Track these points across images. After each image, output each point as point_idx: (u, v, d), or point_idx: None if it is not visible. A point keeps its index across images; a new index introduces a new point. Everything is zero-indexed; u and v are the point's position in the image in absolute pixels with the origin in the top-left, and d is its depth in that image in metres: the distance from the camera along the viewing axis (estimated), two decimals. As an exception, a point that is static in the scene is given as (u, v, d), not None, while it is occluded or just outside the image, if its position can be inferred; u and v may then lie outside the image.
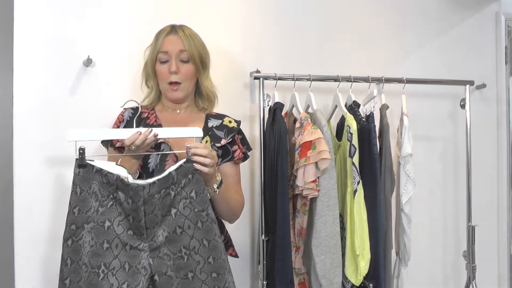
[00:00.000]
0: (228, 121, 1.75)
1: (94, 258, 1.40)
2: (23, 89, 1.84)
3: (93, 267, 1.39)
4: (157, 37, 1.68)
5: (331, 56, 2.30)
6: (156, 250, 1.43)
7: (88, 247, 1.40)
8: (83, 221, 1.41)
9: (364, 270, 1.84)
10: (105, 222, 1.41)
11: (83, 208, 1.41)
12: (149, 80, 1.73)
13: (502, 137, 2.62)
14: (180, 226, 1.44)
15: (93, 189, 1.41)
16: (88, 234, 1.40)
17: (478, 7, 2.59)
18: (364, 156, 1.92)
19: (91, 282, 1.39)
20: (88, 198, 1.41)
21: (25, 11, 1.84)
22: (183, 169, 1.45)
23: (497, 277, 2.64)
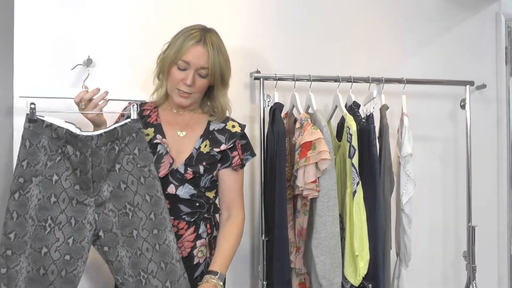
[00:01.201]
0: (232, 126, 1.71)
1: (41, 211, 1.42)
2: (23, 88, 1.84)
3: (40, 221, 1.41)
4: (184, 40, 1.58)
5: (331, 56, 2.30)
6: (101, 206, 1.47)
7: (36, 200, 1.42)
8: (32, 174, 1.42)
9: (363, 271, 1.84)
10: (53, 176, 1.44)
11: (32, 162, 1.43)
12: (161, 74, 1.67)
13: (502, 137, 2.62)
14: (124, 181, 1.49)
15: (42, 143, 1.44)
16: (35, 188, 1.42)
17: (478, 8, 2.59)
18: (364, 157, 1.92)
19: (37, 236, 1.41)
20: (37, 152, 1.43)
21: (26, 11, 1.85)
22: (127, 127, 1.52)
23: (497, 277, 2.64)
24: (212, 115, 1.71)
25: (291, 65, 2.20)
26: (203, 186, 1.62)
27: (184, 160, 1.61)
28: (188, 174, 1.59)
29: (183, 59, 1.58)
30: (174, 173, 1.59)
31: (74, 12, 1.91)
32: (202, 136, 1.66)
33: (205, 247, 1.63)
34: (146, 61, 1.97)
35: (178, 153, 1.62)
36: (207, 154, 1.64)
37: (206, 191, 1.64)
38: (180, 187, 1.59)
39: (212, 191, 1.67)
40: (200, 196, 1.62)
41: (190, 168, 1.60)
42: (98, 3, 1.95)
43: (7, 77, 1.82)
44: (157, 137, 1.62)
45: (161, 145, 1.61)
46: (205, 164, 1.62)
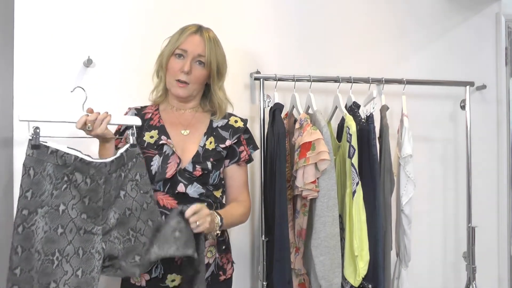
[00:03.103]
0: (234, 121, 1.72)
1: (48, 244, 1.34)
2: (23, 89, 1.84)
3: (47, 255, 1.33)
4: (181, 33, 1.63)
5: (331, 57, 2.30)
6: (108, 234, 1.44)
7: (42, 233, 1.33)
8: (37, 206, 1.33)
9: (363, 271, 1.84)
10: (60, 205, 1.36)
11: (37, 192, 1.33)
12: (160, 71, 1.68)
13: (502, 138, 2.62)
14: (129, 208, 1.48)
15: (47, 171, 1.35)
16: (42, 219, 1.34)
17: (478, 8, 2.59)
18: (364, 157, 1.92)
19: (44, 271, 1.33)
20: (42, 181, 1.34)
21: (26, 11, 1.85)
22: (129, 152, 1.51)
23: (497, 278, 2.64)
24: (213, 114, 1.72)
25: (291, 65, 2.20)
26: (211, 183, 1.62)
27: (191, 158, 1.60)
28: (197, 172, 1.58)
29: (180, 47, 1.61)
30: (182, 172, 1.58)
31: (74, 12, 1.91)
32: (206, 134, 1.67)
33: (214, 247, 1.63)
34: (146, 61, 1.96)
35: (184, 152, 1.62)
36: (213, 150, 1.64)
37: (214, 189, 1.64)
38: (189, 186, 1.58)
39: (219, 189, 1.67)
40: (209, 196, 1.62)
41: (198, 165, 1.59)
42: (98, 3, 1.95)
43: (7, 77, 1.82)
44: (162, 138, 1.61)
45: (167, 145, 1.60)
46: (212, 160, 1.62)
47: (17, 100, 1.83)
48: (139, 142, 1.58)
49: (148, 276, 1.54)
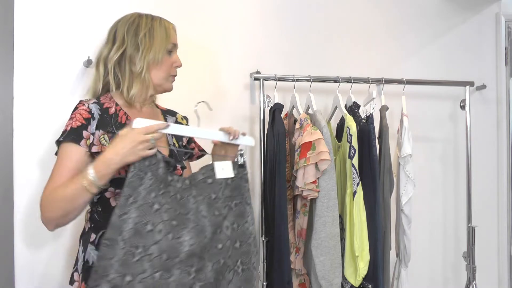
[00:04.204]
0: (181, 118, 1.72)
1: (135, 237, 1.30)
2: (23, 89, 1.84)
3: (131, 246, 1.30)
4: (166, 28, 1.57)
5: (331, 57, 2.30)
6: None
7: (132, 224, 1.31)
8: (135, 196, 1.33)
9: (364, 271, 1.84)
10: (155, 204, 1.34)
11: (137, 184, 1.34)
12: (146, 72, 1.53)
13: (502, 138, 2.62)
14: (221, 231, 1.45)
15: (155, 172, 1.37)
16: (135, 211, 1.32)
17: (478, 8, 2.59)
18: (364, 157, 1.92)
19: (124, 261, 1.29)
20: (144, 178, 1.35)
21: (26, 11, 1.85)
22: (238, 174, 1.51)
23: (497, 278, 2.64)
24: (154, 101, 1.67)
25: (291, 65, 2.20)
26: None
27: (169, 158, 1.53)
28: (178, 171, 1.55)
29: (172, 42, 1.58)
30: None
31: (74, 13, 1.91)
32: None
33: None
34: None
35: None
36: (181, 148, 1.62)
37: None
38: None
39: None
40: None
41: (178, 164, 1.56)
42: (98, 4, 1.95)
43: (7, 77, 1.82)
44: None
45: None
46: (184, 158, 1.61)
47: (17, 100, 1.83)
48: (89, 146, 1.44)
49: None
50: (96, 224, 1.47)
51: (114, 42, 1.54)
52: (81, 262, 1.47)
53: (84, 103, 1.48)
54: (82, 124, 1.43)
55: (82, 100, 1.50)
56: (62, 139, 1.42)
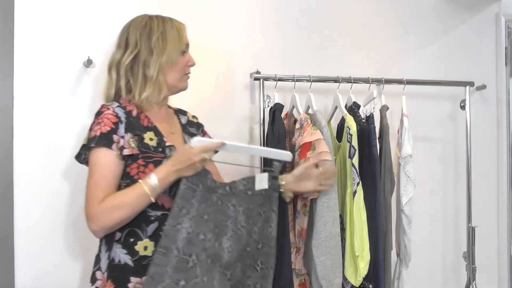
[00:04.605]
0: (192, 116, 1.73)
1: (188, 246, 1.40)
2: (23, 89, 1.84)
3: (185, 254, 1.39)
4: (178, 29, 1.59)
5: (331, 57, 2.30)
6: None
7: (185, 233, 1.40)
8: (188, 207, 1.43)
9: (364, 271, 1.84)
10: (205, 214, 1.44)
11: (190, 195, 1.44)
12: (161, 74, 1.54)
13: (502, 138, 2.62)
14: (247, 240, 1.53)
15: (205, 184, 1.46)
16: (188, 221, 1.41)
17: (478, 8, 2.59)
18: (364, 157, 1.92)
19: (179, 268, 1.38)
20: (196, 189, 1.45)
21: (26, 11, 1.85)
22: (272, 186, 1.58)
23: (497, 278, 2.64)
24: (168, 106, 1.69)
25: (291, 65, 2.20)
26: None
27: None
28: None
29: (185, 42, 1.59)
30: None
31: (74, 12, 1.91)
32: (183, 132, 1.64)
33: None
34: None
35: None
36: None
37: None
38: None
39: None
40: None
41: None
42: (98, 4, 1.95)
43: (7, 77, 1.82)
44: (165, 140, 1.53)
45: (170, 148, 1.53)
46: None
47: (17, 100, 1.83)
48: (143, 145, 1.48)
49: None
50: None
51: (127, 47, 1.55)
52: (106, 260, 1.47)
53: (108, 107, 1.48)
54: (111, 128, 1.44)
55: (104, 104, 1.51)
56: (94, 145, 1.42)
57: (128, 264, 1.44)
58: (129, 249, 1.44)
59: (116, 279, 1.44)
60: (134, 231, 1.45)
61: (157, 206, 1.45)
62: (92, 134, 1.44)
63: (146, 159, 1.46)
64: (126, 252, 1.44)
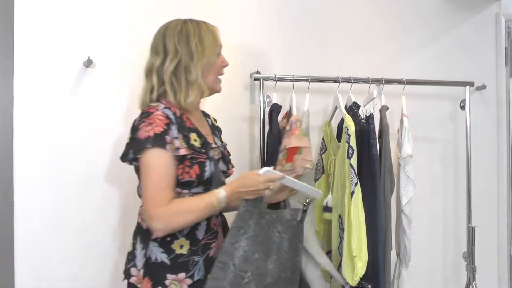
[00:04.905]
0: (213, 119, 1.77)
1: (244, 263, 1.49)
2: (23, 89, 1.84)
3: (241, 271, 1.48)
4: (214, 32, 1.62)
5: (331, 57, 2.30)
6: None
7: (242, 251, 1.49)
8: (246, 227, 1.52)
9: (361, 271, 1.84)
10: (259, 235, 1.54)
11: (248, 218, 1.53)
12: (203, 78, 1.58)
13: (502, 138, 2.62)
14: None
15: (261, 207, 1.57)
16: (244, 240, 1.50)
17: (478, 8, 2.59)
18: (363, 157, 1.92)
19: (235, 283, 1.47)
20: (254, 212, 1.55)
21: (26, 11, 1.85)
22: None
23: (497, 278, 2.64)
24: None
25: (291, 66, 2.20)
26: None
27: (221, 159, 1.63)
28: (230, 171, 1.67)
29: (219, 45, 1.63)
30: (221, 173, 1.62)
31: (74, 12, 1.91)
32: (212, 134, 1.68)
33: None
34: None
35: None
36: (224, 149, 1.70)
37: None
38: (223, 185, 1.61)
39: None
40: None
41: (230, 164, 1.68)
42: (98, 3, 1.95)
43: (7, 77, 1.82)
44: (209, 141, 1.58)
45: (213, 149, 1.58)
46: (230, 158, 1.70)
47: (17, 100, 1.84)
48: (190, 146, 1.51)
49: (191, 280, 1.50)
50: None
51: (166, 53, 1.56)
52: (142, 258, 1.50)
53: (157, 108, 1.49)
54: (164, 129, 1.45)
55: (151, 105, 1.51)
56: (150, 145, 1.43)
57: (164, 262, 1.48)
58: (166, 248, 1.49)
59: (153, 276, 1.48)
60: None
61: None
62: (143, 134, 1.44)
63: (191, 160, 1.49)
64: (163, 250, 1.48)
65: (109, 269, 1.95)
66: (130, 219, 1.99)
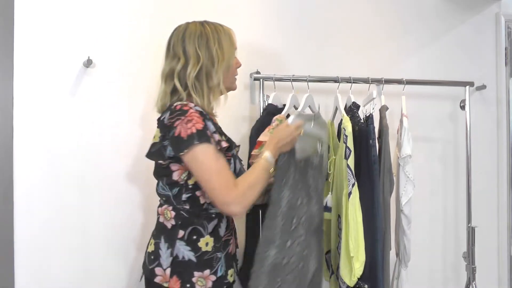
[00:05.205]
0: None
1: (289, 210, 1.64)
2: (23, 89, 1.85)
3: (288, 218, 1.64)
4: (230, 35, 1.65)
5: (331, 57, 2.30)
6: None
7: (286, 201, 1.64)
8: (287, 178, 1.67)
9: (359, 271, 1.84)
10: (298, 183, 1.69)
11: (288, 167, 1.67)
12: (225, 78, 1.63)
13: (502, 138, 2.62)
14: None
15: (296, 156, 1.69)
16: (288, 189, 1.65)
17: (478, 8, 2.59)
18: (362, 158, 1.92)
19: (285, 229, 1.63)
20: (292, 162, 1.69)
21: (26, 11, 1.85)
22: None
23: (497, 278, 2.64)
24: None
25: (291, 66, 2.20)
26: None
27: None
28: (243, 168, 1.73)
29: (235, 47, 1.67)
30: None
31: (74, 12, 1.91)
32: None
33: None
34: (147, 61, 1.98)
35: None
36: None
37: None
38: None
39: None
40: None
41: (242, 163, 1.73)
42: (98, 3, 1.95)
43: (7, 77, 1.82)
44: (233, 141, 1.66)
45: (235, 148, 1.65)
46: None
47: (17, 100, 1.84)
48: (227, 140, 1.60)
49: (215, 276, 1.55)
50: (183, 221, 1.54)
51: (187, 58, 1.58)
52: (168, 257, 1.53)
53: (190, 106, 1.51)
54: (203, 125, 1.49)
55: (182, 103, 1.52)
56: (197, 142, 1.45)
57: (191, 260, 1.52)
58: (193, 246, 1.53)
59: (181, 274, 1.51)
60: (197, 229, 1.54)
61: None
62: (185, 131, 1.46)
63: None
64: (190, 249, 1.52)
65: (110, 269, 1.96)
66: (130, 219, 2.00)
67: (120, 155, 1.97)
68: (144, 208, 1.99)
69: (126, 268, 1.98)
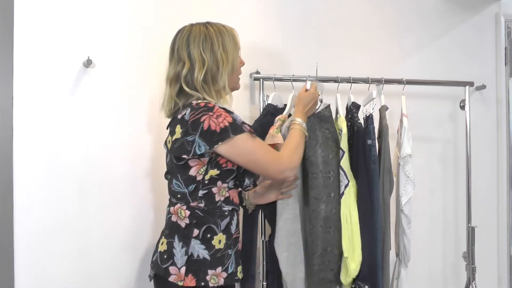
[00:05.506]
0: None
1: (324, 165, 1.84)
2: (23, 89, 1.84)
3: (325, 172, 1.85)
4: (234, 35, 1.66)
5: (331, 57, 2.30)
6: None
7: (321, 158, 1.84)
8: (317, 138, 1.86)
9: (355, 272, 1.83)
10: (329, 140, 1.87)
11: (319, 127, 1.88)
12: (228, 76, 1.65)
13: (501, 138, 2.62)
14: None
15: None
16: (320, 147, 1.85)
17: (478, 8, 2.59)
18: (359, 158, 1.92)
19: (325, 184, 1.84)
20: (316, 124, 1.88)
21: (25, 11, 1.85)
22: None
23: (497, 278, 2.64)
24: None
25: (290, 66, 2.21)
26: None
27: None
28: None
29: (239, 48, 1.67)
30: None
31: (74, 12, 1.91)
32: None
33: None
34: (147, 61, 1.98)
35: None
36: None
37: None
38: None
39: None
40: None
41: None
42: (98, 3, 1.95)
43: (7, 77, 1.82)
44: None
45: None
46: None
47: (17, 100, 1.84)
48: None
49: (226, 273, 1.57)
50: (198, 220, 1.56)
51: (192, 62, 1.58)
52: (183, 256, 1.54)
53: (214, 104, 1.54)
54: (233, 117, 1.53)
55: (205, 101, 1.55)
56: (232, 135, 1.49)
57: (206, 258, 1.54)
58: (207, 244, 1.55)
59: (197, 272, 1.53)
60: (211, 227, 1.56)
61: (229, 201, 1.60)
62: (217, 126, 1.48)
63: None
64: (204, 247, 1.54)
65: (110, 269, 1.96)
66: (130, 219, 2.00)
67: (120, 154, 1.97)
68: (144, 209, 1.99)
69: (125, 269, 1.98)
